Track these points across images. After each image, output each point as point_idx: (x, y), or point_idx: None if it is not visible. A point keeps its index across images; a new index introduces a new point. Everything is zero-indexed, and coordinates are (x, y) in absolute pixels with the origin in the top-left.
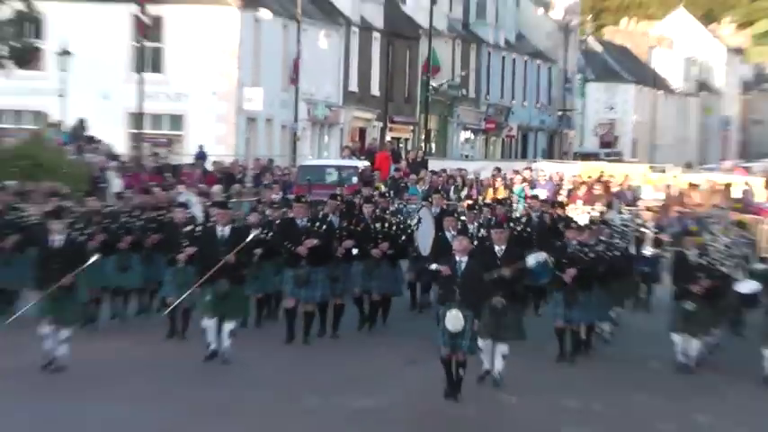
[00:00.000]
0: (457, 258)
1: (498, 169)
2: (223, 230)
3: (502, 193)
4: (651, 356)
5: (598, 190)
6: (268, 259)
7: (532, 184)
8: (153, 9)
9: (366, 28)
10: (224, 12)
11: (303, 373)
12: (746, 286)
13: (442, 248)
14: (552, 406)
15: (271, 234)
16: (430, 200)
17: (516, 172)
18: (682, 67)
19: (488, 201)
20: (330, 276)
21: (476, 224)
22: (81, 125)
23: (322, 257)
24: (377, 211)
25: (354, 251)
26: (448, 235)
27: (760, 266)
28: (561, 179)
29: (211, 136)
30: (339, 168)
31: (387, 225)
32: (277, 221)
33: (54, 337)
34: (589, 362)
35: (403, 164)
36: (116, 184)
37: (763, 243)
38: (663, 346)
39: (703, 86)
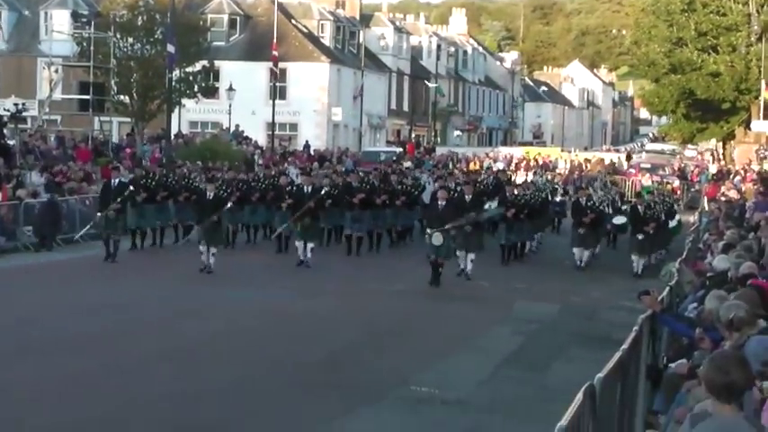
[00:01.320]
0: (439, 202)
1: (474, 154)
2: (307, 188)
3: (476, 166)
4: (563, 260)
5: (533, 163)
6: (335, 206)
7: (495, 160)
8: (281, 65)
9: (400, 73)
10: (320, 66)
11: (360, 271)
12: (618, 219)
13: (432, 209)
14: (508, 288)
15: (337, 191)
16: (431, 172)
17: (486, 154)
18: (577, 94)
19: (467, 170)
20: (372, 216)
21: (453, 184)
22: (239, 130)
23: (367, 205)
24: (400, 178)
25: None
26: (440, 203)
27: (624, 207)
28: (512, 157)
29: (313, 135)
30: (385, 152)
31: (405, 186)
32: (341, 184)
33: (207, 253)
34: (525, 264)
35: (422, 149)
36: (258, 162)
37: (628, 192)
38: (568, 255)
39: (590, 104)
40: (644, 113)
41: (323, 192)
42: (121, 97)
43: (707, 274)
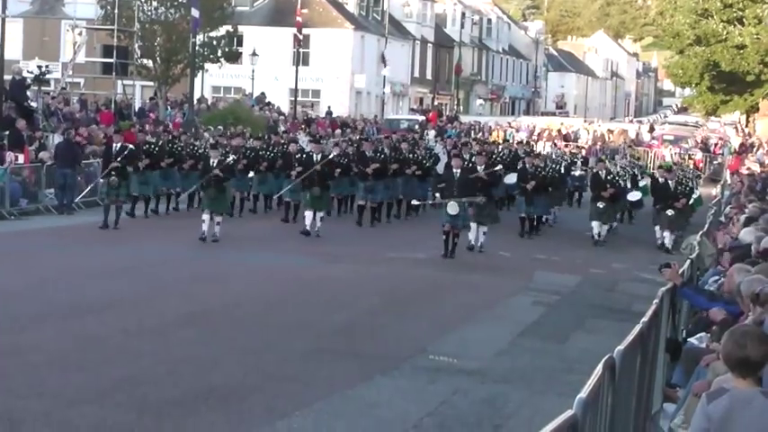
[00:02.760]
0: (454, 170)
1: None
2: (317, 157)
3: (498, 136)
4: (583, 231)
5: (555, 133)
6: (347, 175)
7: (517, 130)
8: (304, 31)
9: (424, 41)
10: (344, 32)
11: (379, 239)
12: (633, 196)
13: (447, 178)
14: (528, 258)
15: (348, 160)
16: (444, 142)
17: (508, 123)
18: (601, 64)
19: (482, 141)
20: (385, 186)
21: (468, 155)
22: (262, 96)
23: (380, 174)
24: (412, 147)
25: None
26: (455, 171)
27: (643, 183)
28: (534, 127)
29: (336, 102)
30: (407, 120)
31: (416, 156)
32: (352, 153)
33: (210, 221)
34: (545, 235)
35: (445, 118)
36: (281, 129)
37: (650, 164)
38: (587, 228)
39: (614, 74)
40: (668, 85)
41: (331, 156)
42: (145, 61)
43: (727, 247)
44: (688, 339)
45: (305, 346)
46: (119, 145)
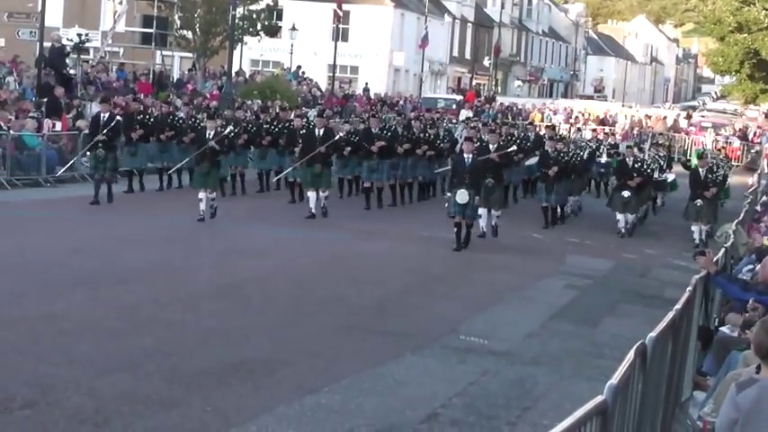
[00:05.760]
0: (465, 156)
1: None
2: (319, 131)
3: (538, 119)
4: (615, 217)
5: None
6: (354, 154)
7: (555, 112)
8: (344, 7)
9: (463, 20)
10: (384, 9)
11: (407, 219)
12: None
13: (458, 164)
14: (560, 240)
15: (356, 137)
16: (466, 124)
17: (545, 105)
18: (641, 49)
19: (507, 122)
20: (391, 166)
21: (486, 138)
22: (300, 70)
23: (387, 154)
24: (424, 126)
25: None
26: (466, 156)
27: (671, 177)
28: (571, 110)
29: (374, 78)
30: (445, 99)
31: (429, 135)
32: (360, 130)
33: (206, 200)
34: (576, 221)
35: (482, 98)
36: (320, 103)
37: (687, 150)
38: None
39: (654, 60)
40: (707, 72)
41: (338, 137)
42: (184, 32)
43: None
44: (720, 328)
45: (336, 321)
46: (106, 115)
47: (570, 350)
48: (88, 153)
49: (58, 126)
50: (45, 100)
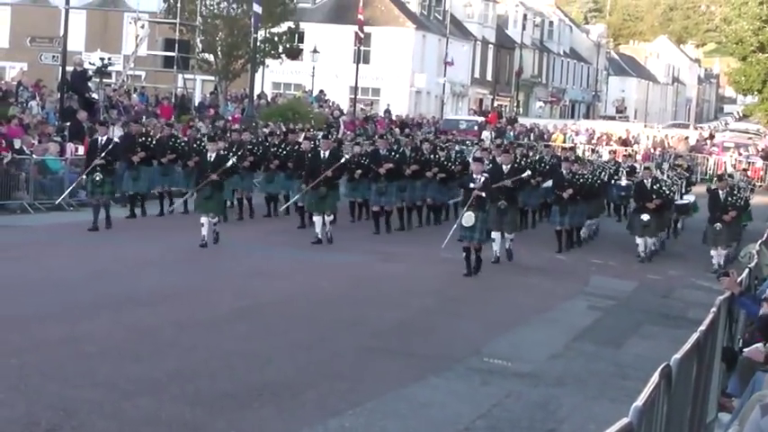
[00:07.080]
0: (474, 176)
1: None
2: (325, 154)
3: (560, 140)
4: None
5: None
6: (364, 176)
7: (577, 133)
8: (366, 29)
9: (485, 42)
10: (405, 31)
11: (428, 241)
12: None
13: (466, 183)
14: (583, 262)
15: (364, 160)
16: (484, 146)
17: (566, 126)
18: (662, 69)
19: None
20: (399, 188)
21: (499, 159)
22: (322, 93)
23: (395, 176)
24: (434, 148)
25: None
26: (475, 177)
27: (687, 198)
28: (593, 131)
29: (395, 101)
30: (466, 121)
31: (438, 158)
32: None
33: (208, 224)
34: (598, 242)
35: (504, 120)
36: (342, 128)
37: (709, 171)
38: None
39: (675, 80)
40: (729, 91)
41: (343, 160)
42: (206, 55)
43: None
44: (744, 349)
45: (358, 343)
46: (104, 138)
47: (594, 371)
48: (85, 176)
49: (81, 150)
50: (68, 124)
